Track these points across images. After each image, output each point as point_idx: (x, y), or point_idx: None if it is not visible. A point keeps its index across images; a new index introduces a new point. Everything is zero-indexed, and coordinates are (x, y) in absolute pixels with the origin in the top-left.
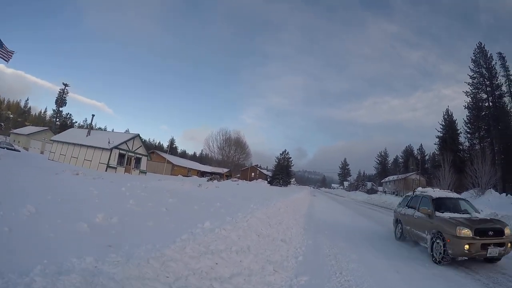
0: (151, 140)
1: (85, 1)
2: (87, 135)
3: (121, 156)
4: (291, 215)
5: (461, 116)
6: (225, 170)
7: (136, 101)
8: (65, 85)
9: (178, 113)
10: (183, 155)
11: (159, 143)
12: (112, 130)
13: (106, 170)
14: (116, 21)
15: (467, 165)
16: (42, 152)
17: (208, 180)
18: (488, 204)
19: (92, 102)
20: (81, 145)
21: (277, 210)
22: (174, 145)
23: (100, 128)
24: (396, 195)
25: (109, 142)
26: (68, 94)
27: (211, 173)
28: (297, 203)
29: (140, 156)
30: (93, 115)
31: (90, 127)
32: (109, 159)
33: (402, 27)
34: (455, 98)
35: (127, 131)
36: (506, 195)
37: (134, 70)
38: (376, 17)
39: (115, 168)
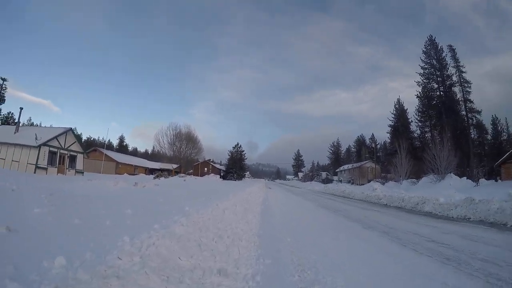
0: (100, 138)
1: None
2: (15, 132)
3: (52, 154)
4: (241, 216)
5: (410, 107)
6: (175, 166)
7: (83, 99)
8: (3, 79)
9: (127, 110)
10: (134, 153)
11: (109, 141)
12: (40, 125)
13: (34, 172)
14: (59, 15)
15: (423, 151)
16: None
17: (154, 178)
18: (450, 188)
19: (37, 100)
20: (8, 144)
21: (221, 213)
22: (124, 143)
23: (37, 126)
24: (352, 183)
25: (36, 138)
26: (7, 90)
27: (160, 170)
28: (250, 199)
29: (75, 154)
30: (21, 108)
31: (18, 123)
32: (37, 158)
33: (348, 24)
34: (402, 91)
35: (74, 129)
36: (467, 178)
37: (80, 67)
38: (322, 13)
39: (46, 168)
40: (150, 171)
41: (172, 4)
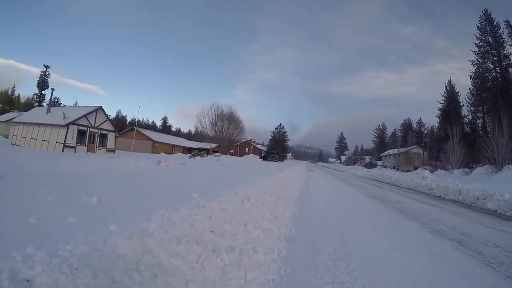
0: (145, 119)
1: None
2: (46, 113)
3: (81, 133)
4: (267, 208)
5: (460, 91)
6: (214, 145)
7: (130, 82)
8: (46, 67)
9: (172, 92)
10: (178, 133)
11: (153, 122)
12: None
13: (62, 151)
14: (101, 3)
15: (475, 138)
16: (6, 136)
17: (190, 157)
18: (508, 181)
19: (85, 86)
20: (40, 124)
21: (238, 204)
22: (168, 124)
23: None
24: (397, 169)
25: (64, 117)
26: (50, 76)
27: (198, 149)
28: (286, 184)
29: (106, 132)
30: (52, 89)
31: (50, 104)
32: (65, 137)
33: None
34: (451, 74)
35: (119, 111)
36: None
37: (125, 51)
38: None
39: (74, 147)
40: (189, 150)
41: None
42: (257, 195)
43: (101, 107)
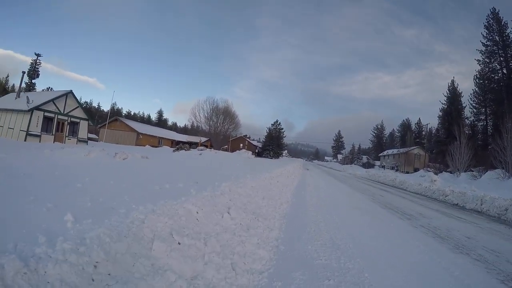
0: (141, 113)
1: None
2: (15, 98)
3: (48, 120)
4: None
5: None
6: (203, 139)
7: (128, 76)
8: (37, 55)
9: (171, 87)
10: (174, 127)
11: (148, 115)
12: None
13: (25, 140)
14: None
15: (487, 139)
16: None
17: (174, 151)
18: None
19: (83, 78)
20: (6, 110)
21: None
22: (163, 117)
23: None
24: (396, 170)
25: (27, 102)
26: (41, 65)
27: (187, 143)
28: (274, 188)
29: (77, 120)
30: (23, 72)
31: (20, 88)
32: (29, 124)
33: (395, 3)
34: (449, 78)
35: (114, 104)
36: None
37: (125, 45)
38: None
39: (39, 136)
40: (177, 143)
41: None
42: (220, 209)
43: (71, 92)
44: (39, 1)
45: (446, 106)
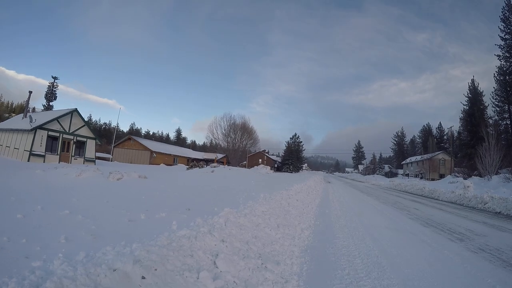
0: (159, 132)
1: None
2: (22, 118)
3: (52, 139)
4: None
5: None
6: (220, 156)
7: (146, 97)
8: (54, 78)
9: (189, 106)
10: (193, 145)
11: (167, 134)
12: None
13: (28, 160)
14: (120, 20)
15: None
16: None
17: (187, 169)
18: None
19: (103, 100)
20: (12, 130)
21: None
22: (181, 136)
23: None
24: (421, 177)
25: (30, 121)
26: (58, 88)
27: (203, 160)
28: (299, 200)
29: (84, 139)
30: (30, 92)
31: (26, 108)
32: (32, 143)
33: (404, 10)
34: (464, 79)
35: (132, 124)
36: None
37: (143, 67)
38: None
39: (43, 156)
40: (193, 161)
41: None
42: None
43: (76, 110)
44: (59, 31)
45: (467, 107)
